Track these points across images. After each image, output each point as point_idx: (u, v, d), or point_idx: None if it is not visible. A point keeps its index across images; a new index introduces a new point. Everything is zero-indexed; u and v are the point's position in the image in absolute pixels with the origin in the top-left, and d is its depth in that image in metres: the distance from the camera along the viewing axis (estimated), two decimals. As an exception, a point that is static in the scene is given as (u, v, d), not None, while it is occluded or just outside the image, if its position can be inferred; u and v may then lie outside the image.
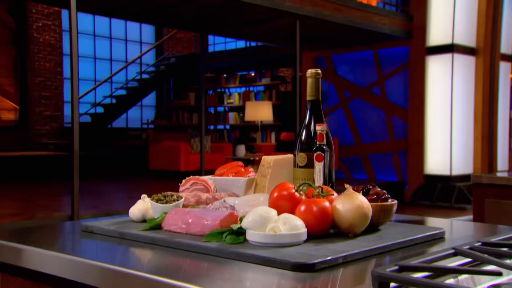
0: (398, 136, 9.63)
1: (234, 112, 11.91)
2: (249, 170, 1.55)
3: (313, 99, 1.41)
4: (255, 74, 12.11)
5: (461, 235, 1.40)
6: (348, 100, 10.16)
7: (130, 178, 9.85)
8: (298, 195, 1.22)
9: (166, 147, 9.55)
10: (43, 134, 11.60)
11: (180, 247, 1.16)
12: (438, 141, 9.06)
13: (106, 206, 6.45)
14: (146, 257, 1.17)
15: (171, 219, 1.27)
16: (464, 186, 8.74)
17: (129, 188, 8.69)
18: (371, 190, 1.30)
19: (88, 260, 1.08)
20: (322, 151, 1.32)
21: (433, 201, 8.84)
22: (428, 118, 9.09)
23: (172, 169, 9.36)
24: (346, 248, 1.07)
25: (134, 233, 1.26)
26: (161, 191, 1.34)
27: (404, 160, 9.55)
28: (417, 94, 9.09)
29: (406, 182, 9.37)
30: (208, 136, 9.78)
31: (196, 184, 1.49)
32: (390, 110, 9.66)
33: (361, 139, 10.05)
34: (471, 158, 9.25)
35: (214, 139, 11.58)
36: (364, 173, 10.03)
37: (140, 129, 13.33)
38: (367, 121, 9.97)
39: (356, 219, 1.17)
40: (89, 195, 7.17)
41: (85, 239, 1.33)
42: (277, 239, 1.09)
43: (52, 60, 11.67)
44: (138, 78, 13.23)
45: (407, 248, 1.16)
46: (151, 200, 1.37)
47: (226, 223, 1.19)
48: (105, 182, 9.39)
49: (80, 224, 1.39)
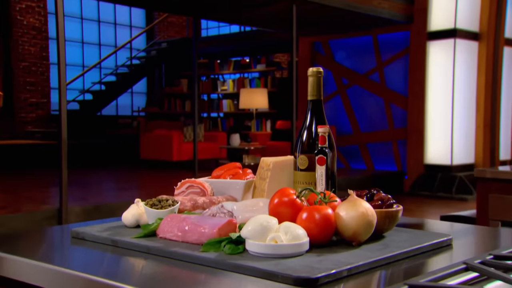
0: (397, 125, 9.63)
1: (228, 100, 11.87)
2: (247, 172, 1.53)
3: (315, 99, 1.38)
4: (249, 60, 12.05)
5: (468, 241, 1.39)
6: (346, 87, 10.14)
7: (121, 168, 9.81)
8: (299, 201, 1.20)
9: (158, 136, 9.52)
10: (29, 122, 11.52)
11: (176, 257, 1.14)
12: (439, 129, 9.07)
13: (95, 198, 6.43)
14: (139, 268, 1.16)
15: (167, 226, 1.25)
16: (465, 176, 8.77)
17: (119, 179, 8.66)
18: (375, 195, 1.28)
19: (78, 273, 1.06)
20: (324, 154, 1.31)
21: (433, 192, 8.87)
22: (428, 106, 9.08)
23: (164, 159, 9.33)
24: (351, 259, 1.06)
25: (128, 241, 1.24)
26: (152, 182, 1.32)
27: (403, 149, 9.56)
28: (417, 81, 9.08)
29: (406, 172, 9.39)
30: (201, 125, 9.74)
31: (192, 187, 1.47)
32: (389, 98, 9.65)
33: (359, 127, 10.04)
34: (472, 147, 9.27)
35: (208, 127, 11.54)
36: (362, 163, 10.05)
37: (131, 117, 13.27)
38: (366, 109, 9.96)
39: (361, 227, 1.16)
40: (78, 186, 7.14)
41: (75, 246, 1.31)
42: (278, 250, 1.07)
43: (37, 44, 11.55)
44: (128, 63, 13.13)
45: (414, 257, 1.14)
46: (145, 205, 1.35)
47: (224, 231, 1.18)
48: (94, 173, 9.35)
49: (70, 230, 1.37)
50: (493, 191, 3.12)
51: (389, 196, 1.28)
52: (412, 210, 7.84)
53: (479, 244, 1.37)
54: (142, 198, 5.09)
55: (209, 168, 9.47)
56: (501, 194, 3.08)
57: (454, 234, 1.45)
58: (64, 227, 1.53)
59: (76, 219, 5.55)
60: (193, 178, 1.49)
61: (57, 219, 5.46)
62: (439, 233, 1.30)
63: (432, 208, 8.10)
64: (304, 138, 1.37)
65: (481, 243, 1.39)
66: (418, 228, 1.57)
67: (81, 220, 5.58)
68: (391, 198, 1.28)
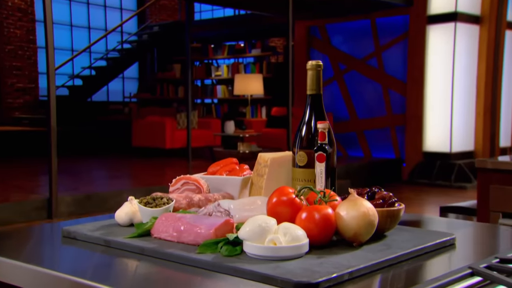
0: (395, 111, 9.63)
1: (222, 85, 11.82)
2: (243, 168, 1.52)
3: (314, 93, 1.37)
4: (244, 44, 11.98)
5: (471, 240, 1.39)
6: (343, 73, 10.11)
7: (112, 156, 9.79)
8: (298, 200, 1.19)
9: (150, 122, 9.48)
10: (16, 108, 11.44)
11: (171, 258, 1.13)
12: (438, 116, 9.08)
13: (86, 187, 6.41)
14: (133, 270, 1.15)
15: (161, 225, 1.24)
16: (464, 164, 8.80)
17: (111, 167, 8.64)
18: (376, 194, 1.27)
19: (68, 276, 1.05)
20: (324, 151, 1.29)
21: (432, 180, 8.90)
22: (427, 92, 9.08)
23: (157, 146, 9.31)
24: (352, 262, 1.05)
25: (121, 242, 1.23)
26: (145, 170, 1.30)
27: (401, 136, 9.57)
28: (416, 66, 9.06)
29: (404, 160, 9.41)
30: (195, 111, 9.71)
31: (187, 184, 1.46)
32: (388, 83, 9.63)
33: (357, 114, 10.04)
34: (472, 134, 9.28)
35: (201, 114, 11.51)
36: (360, 150, 10.06)
37: (122, 103, 13.21)
38: (363, 95, 9.95)
39: (362, 227, 1.15)
40: (68, 174, 7.12)
41: (66, 246, 1.30)
42: (277, 252, 1.06)
43: (24, 26, 11.43)
44: (119, 48, 13.03)
45: (416, 258, 1.14)
46: (139, 203, 1.33)
47: (221, 231, 1.17)
48: (84, 161, 9.32)
49: (61, 229, 1.36)
50: (494, 182, 3.13)
51: (391, 194, 1.27)
52: (410, 199, 7.87)
53: (482, 243, 1.36)
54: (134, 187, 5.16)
55: (203, 156, 9.48)
56: (502, 185, 3.09)
57: (456, 232, 1.45)
58: (55, 225, 1.51)
59: (66, 209, 5.54)
60: (188, 175, 1.48)
61: (47, 209, 5.45)
62: (441, 232, 1.30)
63: (431, 197, 8.14)
64: (303, 134, 1.36)
65: (484, 242, 1.38)
66: (419, 226, 1.57)
67: (72, 210, 5.57)
68: (393, 196, 1.27)
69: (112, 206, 5.82)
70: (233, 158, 1.56)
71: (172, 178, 1.52)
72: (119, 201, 5.31)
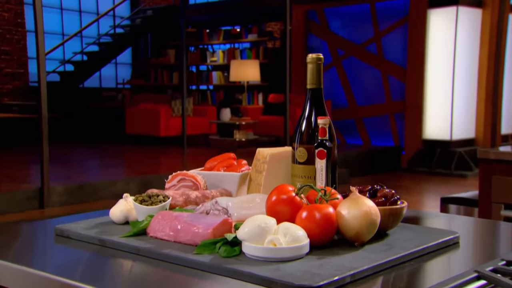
0: (395, 98, 9.62)
1: (218, 71, 11.78)
2: (242, 163, 1.51)
3: (314, 88, 1.36)
4: (240, 29, 11.92)
5: (475, 238, 1.38)
6: (342, 59, 10.08)
7: (105, 144, 9.76)
8: (298, 199, 1.19)
9: (144, 110, 9.45)
10: (5, 94, 11.38)
11: (167, 259, 1.12)
12: (438, 102, 9.07)
13: (79, 176, 6.40)
14: (128, 271, 1.14)
15: (158, 224, 1.23)
16: (465, 152, 8.81)
17: (104, 156, 8.62)
18: (378, 191, 1.27)
19: (61, 278, 1.04)
20: (325, 148, 1.29)
21: (432, 168, 8.92)
22: (428, 78, 9.06)
23: (151, 134, 9.29)
24: (354, 263, 1.05)
25: (116, 241, 1.22)
26: (139, 159, 1.29)
27: (401, 123, 9.57)
28: (416, 51, 9.03)
29: (403, 147, 9.43)
30: (190, 98, 9.68)
31: (184, 181, 1.45)
32: (387, 70, 9.61)
33: (355, 101, 10.03)
34: (473, 121, 9.29)
35: (197, 101, 11.47)
36: (358, 138, 10.06)
37: (115, 89, 13.16)
38: (362, 81, 9.93)
39: (364, 227, 1.14)
40: (59, 163, 7.10)
41: (59, 245, 1.29)
42: (277, 254, 1.06)
43: (11, 9, 11.33)
44: (112, 32, 12.94)
45: (420, 258, 1.13)
46: (135, 201, 1.32)
47: (219, 231, 1.16)
48: (77, 149, 9.30)
49: (54, 227, 1.35)
50: (497, 173, 3.13)
51: (393, 191, 1.27)
52: (409, 188, 7.89)
53: (486, 241, 1.36)
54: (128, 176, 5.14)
55: (199, 144, 9.48)
56: (505, 176, 3.09)
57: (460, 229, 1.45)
58: (47, 223, 1.50)
59: (58, 199, 5.53)
60: (185, 171, 1.47)
61: (39, 199, 5.44)
62: (444, 230, 1.30)
63: (431, 185, 8.16)
64: (303, 130, 1.35)
65: (488, 240, 1.38)
66: (421, 222, 1.56)
67: (64, 200, 5.57)
68: (395, 193, 1.26)
69: (105, 196, 5.82)
70: (230, 153, 1.55)
71: (167, 167, 1.52)
72: (113, 191, 5.30)
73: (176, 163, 7.79)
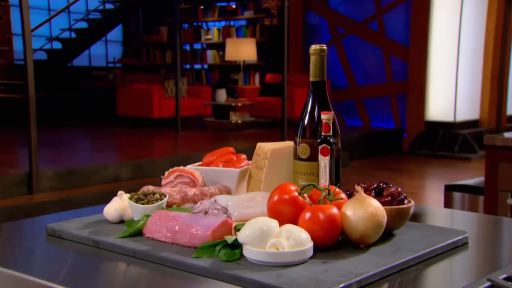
0: (397, 78, 9.60)
1: (213, 50, 11.71)
2: (241, 158, 1.50)
3: (318, 80, 1.34)
4: (236, 6, 11.82)
5: (484, 236, 1.38)
6: (341, 37, 10.02)
7: (96, 126, 9.73)
8: (301, 199, 1.18)
9: (136, 90, 9.40)
10: (-11, 72, 11.28)
11: (165, 263, 1.11)
12: (442, 82, 9.05)
13: (68, 160, 6.37)
14: (123, 275, 1.13)
15: (154, 224, 1.22)
16: (469, 134, 8.82)
17: (95, 138, 8.59)
18: (384, 190, 1.26)
19: (52, 283, 1.03)
20: (328, 144, 1.27)
21: (434, 151, 8.94)
22: (431, 57, 9.03)
23: (144, 115, 9.26)
24: (360, 268, 1.04)
25: (111, 243, 1.21)
26: (131, 142, 1.27)
27: (402, 104, 9.56)
28: (420, 28, 8.98)
29: (405, 129, 9.43)
30: (184, 78, 9.63)
31: (181, 177, 1.43)
32: (389, 48, 9.57)
33: (356, 81, 9.99)
34: (477, 101, 9.28)
35: (191, 81, 11.42)
36: (358, 119, 10.06)
37: (106, 68, 13.07)
38: (363, 60, 9.89)
39: (369, 229, 1.14)
40: (49, 147, 7.07)
41: (50, 246, 1.28)
42: (280, 259, 1.05)
43: (-7, -18, 11.18)
44: (101, 8, 12.80)
45: (428, 261, 1.13)
46: (130, 199, 1.31)
47: (218, 233, 1.15)
48: (66, 131, 9.26)
49: (45, 227, 1.33)
50: (503, 160, 3.13)
51: (399, 189, 1.26)
52: (411, 171, 7.91)
53: (495, 241, 1.36)
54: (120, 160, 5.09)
55: (193, 126, 9.45)
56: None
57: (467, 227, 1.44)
58: (38, 221, 1.49)
59: (48, 184, 5.52)
60: (182, 167, 1.45)
61: (27, 184, 5.43)
62: (452, 229, 1.29)
63: (433, 169, 8.17)
64: (306, 125, 1.34)
65: (498, 240, 1.38)
66: (427, 219, 1.56)
67: (54, 185, 5.55)
68: (402, 192, 1.25)
69: (97, 181, 5.81)
70: (229, 148, 1.54)
71: (160, 151, 1.50)
72: (104, 176, 5.27)
73: (170, 146, 7.78)
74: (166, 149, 7.35)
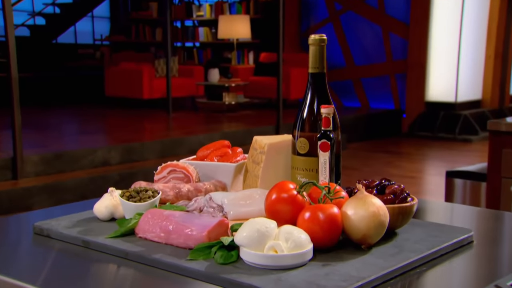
0: (396, 57, 9.57)
1: (205, 27, 11.62)
2: (237, 152, 1.49)
3: (317, 72, 1.33)
4: (229, -20, 11.71)
5: (488, 234, 1.38)
6: (339, 14, 9.96)
7: (83, 107, 9.68)
8: (300, 197, 1.17)
9: (125, 70, 9.34)
10: (-33, 49, 11.15)
11: (159, 265, 1.11)
12: (443, 62, 9.04)
13: (55, 144, 6.34)
14: (115, 278, 1.12)
15: (147, 224, 1.22)
16: (470, 114, 8.84)
17: (82, 120, 8.55)
18: (386, 187, 1.25)
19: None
20: (328, 139, 1.26)
21: (434, 132, 8.96)
22: (432, 35, 9.00)
23: (134, 96, 9.21)
24: (361, 271, 1.04)
25: (102, 243, 1.20)
26: (121, 124, 1.26)
27: (402, 84, 9.55)
28: (420, 5, 8.94)
29: (404, 110, 9.44)
30: (175, 57, 9.56)
31: (174, 172, 1.43)
32: (388, 25, 9.52)
33: (353, 60, 9.96)
34: (480, 81, 9.28)
35: (182, 60, 11.34)
36: (356, 100, 10.05)
37: (93, 46, 12.96)
38: (361, 38, 9.85)
39: (371, 229, 1.13)
40: (34, 129, 7.03)
41: (37, 247, 1.27)
42: (279, 262, 1.05)
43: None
44: (87, -18, 12.68)
45: (432, 262, 1.13)
46: (121, 196, 1.30)
47: (214, 234, 1.15)
48: (52, 112, 9.22)
49: (32, 225, 1.32)
50: (508, 146, 3.14)
51: (402, 186, 1.25)
52: (410, 154, 7.93)
53: (501, 241, 1.36)
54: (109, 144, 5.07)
55: (185, 107, 9.42)
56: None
57: (471, 224, 1.45)
58: (24, 218, 1.48)
59: (33, 169, 5.49)
60: (175, 161, 1.44)
61: (12, 169, 5.40)
62: (457, 227, 1.29)
63: (433, 152, 8.20)
64: (304, 119, 1.33)
65: (504, 238, 1.38)
66: (429, 214, 1.56)
67: (40, 170, 5.53)
68: (404, 189, 1.25)
69: (85, 165, 5.79)
70: (224, 141, 1.52)
71: (151, 133, 1.49)
72: (93, 160, 5.24)
73: (161, 128, 7.75)
74: (157, 132, 7.33)
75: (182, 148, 6.43)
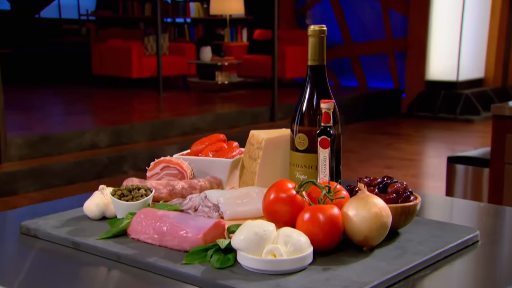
0: (396, 34, 9.54)
1: (197, 2, 11.52)
2: (232, 146, 1.48)
3: (316, 64, 1.32)
4: (221, -48, 11.58)
5: (493, 233, 1.39)
6: (337, -12, 9.90)
7: (69, 87, 9.62)
8: (300, 197, 1.17)
9: (113, 47, 9.27)
10: None
11: (153, 270, 1.11)
12: (445, 39, 9.01)
13: (40, 126, 6.32)
14: (105, 283, 1.12)
15: (140, 225, 1.21)
16: (472, 94, 8.84)
17: (69, 101, 8.51)
18: (389, 186, 1.25)
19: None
20: (328, 136, 1.26)
21: (435, 113, 8.97)
22: (433, 11, 8.97)
23: (122, 75, 9.15)
24: (363, 276, 1.04)
25: (93, 245, 1.20)
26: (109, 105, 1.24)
27: (401, 63, 9.54)
28: (421, -19, 8.89)
29: (403, 90, 9.44)
30: (165, 34, 9.50)
31: (168, 168, 1.42)
32: (388, 1, 9.48)
33: (351, 37, 9.92)
34: (482, 59, 9.27)
35: (173, 37, 11.26)
36: (354, 79, 10.04)
37: (78, 21, 12.85)
38: (359, 14, 9.80)
39: (373, 230, 1.13)
40: (17, 110, 7.00)
41: (23, 247, 1.26)
42: (277, 267, 1.05)
43: None
44: (72, -46, 12.55)
45: (436, 264, 1.13)
46: (113, 195, 1.30)
47: (210, 236, 1.14)
48: (36, 92, 9.16)
49: (19, 224, 1.32)
50: (511, 131, 3.14)
51: (405, 184, 1.25)
52: (410, 136, 7.94)
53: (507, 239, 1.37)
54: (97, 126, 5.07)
55: (176, 87, 9.38)
56: (520, 135, 3.10)
57: (476, 221, 1.45)
58: (10, 216, 1.47)
59: (18, 152, 5.47)
60: (169, 157, 1.43)
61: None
62: (461, 226, 1.29)
63: (434, 132, 8.21)
64: (303, 113, 1.32)
65: (509, 238, 1.39)
66: (432, 210, 1.56)
67: (25, 153, 5.51)
68: (407, 187, 1.25)
69: (72, 148, 5.77)
70: (220, 135, 1.52)
71: (141, 115, 1.47)
72: (80, 143, 5.22)
73: (152, 109, 7.72)
74: (147, 113, 7.30)
75: (173, 130, 6.41)
